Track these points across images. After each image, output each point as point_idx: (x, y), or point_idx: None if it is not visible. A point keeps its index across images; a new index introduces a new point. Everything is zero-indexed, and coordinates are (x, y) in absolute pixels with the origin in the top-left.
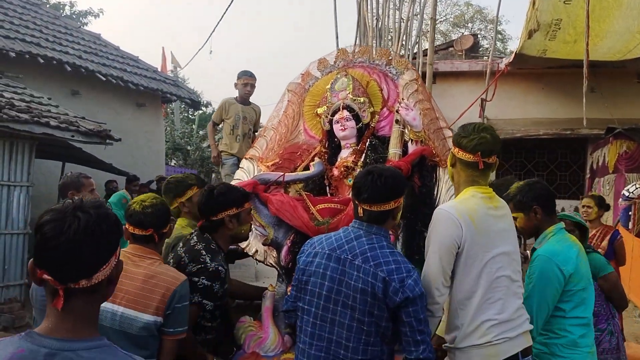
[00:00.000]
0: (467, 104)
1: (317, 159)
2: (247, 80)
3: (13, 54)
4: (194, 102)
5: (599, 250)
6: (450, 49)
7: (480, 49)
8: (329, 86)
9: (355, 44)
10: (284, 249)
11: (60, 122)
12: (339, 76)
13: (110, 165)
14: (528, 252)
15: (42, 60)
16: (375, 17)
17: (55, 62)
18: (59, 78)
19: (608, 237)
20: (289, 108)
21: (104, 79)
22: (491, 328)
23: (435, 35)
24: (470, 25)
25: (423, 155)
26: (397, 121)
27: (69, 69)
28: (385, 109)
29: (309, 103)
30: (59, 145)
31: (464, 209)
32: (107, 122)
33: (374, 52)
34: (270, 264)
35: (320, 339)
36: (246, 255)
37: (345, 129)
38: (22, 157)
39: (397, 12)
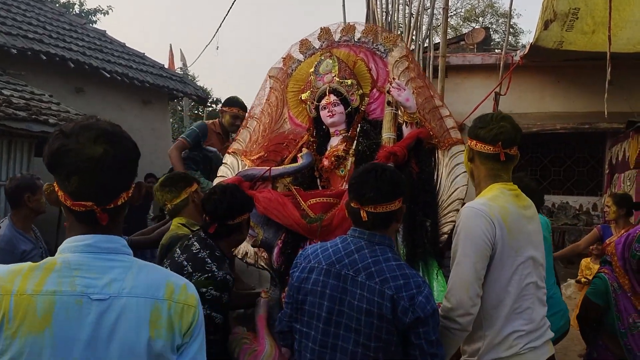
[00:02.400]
0: (480, 98)
1: (305, 150)
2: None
3: (15, 51)
4: (202, 99)
5: None
6: (462, 42)
7: (492, 43)
8: (312, 69)
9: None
10: (275, 250)
11: (59, 120)
12: (323, 58)
13: None
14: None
15: (44, 57)
16: (384, 12)
17: (57, 58)
18: (62, 75)
19: None
20: (272, 95)
21: (109, 75)
22: (518, 339)
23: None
24: (481, 19)
25: (419, 138)
26: (389, 103)
27: (72, 65)
28: (375, 90)
29: (292, 89)
30: None
31: (496, 207)
32: (112, 120)
33: (359, 29)
34: (262, 266)
35: None
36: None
37: (333, 115)
38: (20, 155)
39: (407, 7)
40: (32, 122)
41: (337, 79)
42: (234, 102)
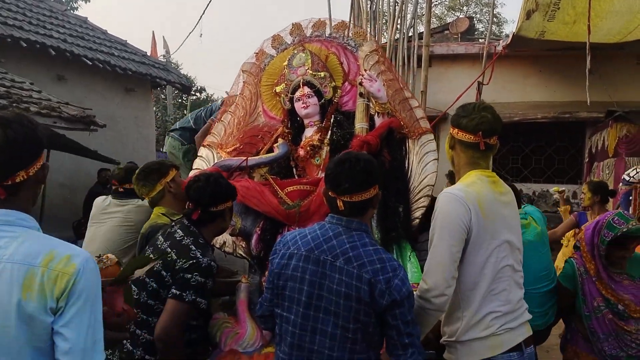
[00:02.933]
0: (464, 87)
1: (281, 140)
2: None
3: None
4: (185, 87)
5: None
6: (446, 32)
7: (476, 32)
8: (286, 63)
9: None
10: (254, 238)
11: (41, 108)
12: (295, 52)
13: (95, 152)
14: None
15: (24, 44)
16: (369, 0)
17: (38, 45)
18: (43, 63)
19: None
20: (245, 89)
21: (91, 63)
22: (495, 320)
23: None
24: (465, 8)
25: (391, 127)
26: (361, 94)
27: (53, 53)
28: (346, 83)
29: (266, 82)
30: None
31: (473, 192)
32: (94, 108)
33: (330, 25)
34: (241, 254)
35: (301, 349)
36: None
37: (307, 107)
38: None
39: None
40: (12, 110)
41: (311, 72)
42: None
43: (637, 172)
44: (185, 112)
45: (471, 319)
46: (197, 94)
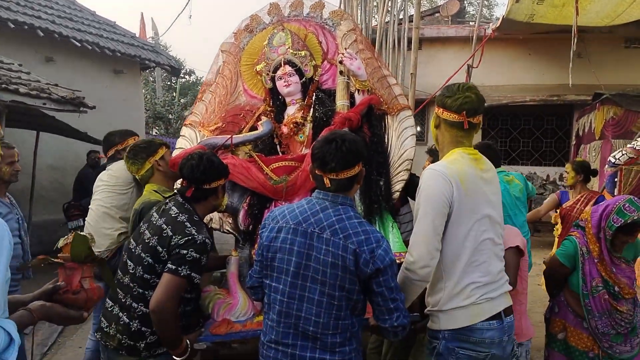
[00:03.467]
0: (454, 70)
1: (264, 118)
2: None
3: None
4: (174, 69)
5: (582, 214)
6: (437, 14)
7: (467, 15)
8: (266, 42)
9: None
10: (241, 213)
11: (30, 89)
12: (275, 31)
13: (85, 134)
14: None
15: (12, 26)
16: None
17: (26, 26)
18: (32, 44)
19: (592, 202)
20: (225, 69)
21: (79, 44)
22: (475, 290)
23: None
24: None
25: (371, 104)
26: (341, 72)
27: (41, 34)
28: (326, 62)
29: (246, 62)
30: (32, 114)
31: (455, 169)
32: (83, 90)
33: (307, 5)
34: (228, 230)
35: (289, 316)
36: None
37: (289, 85)
38: None
39: None
40: (2, 91)
41: (291, 51)
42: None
43: (623, 154)
44: (174, 94)
45: (453, 289)
46: (187, 76)
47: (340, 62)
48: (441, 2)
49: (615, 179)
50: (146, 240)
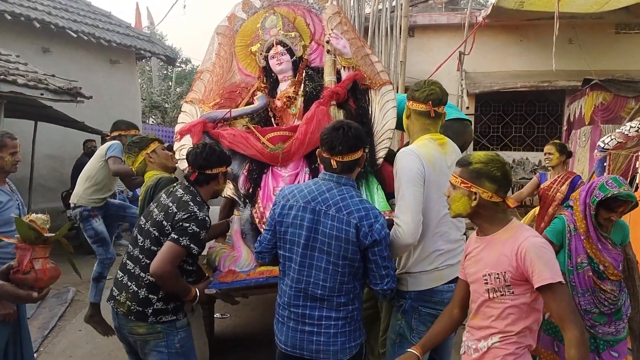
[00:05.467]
0: (445, 57)
1: (259, 93)
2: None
3: None
4: (170, 59)
5: (558, 194)
6: (430, 1)
7: (462, 2)
8: (259, 24)
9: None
10: (242, 178)
11: (28, 80)
12: (267, 15)
13: (82, 123)
14: None
15: (9, 17)
16: None
17: (23, 18)
18: (28, 35)
19: (568, 182)
20: (221, 50)
21: (75, 35)
22: (439, 256)
23: None
24: None
25: (356, 80)
26: (328, 51)
27: (38, 25)
28: (313, 43)
29: (239, 43)
30: (30, 104)
31: (423, 152)
32: (80, 80)
33: None
34: (229, 195)
35: (299, 282)
36: None
37: (281, 63)
38: None
39: None
40: (0, 82)
41: (282, 32)
42: (133, 126)
43: (612, 139)
44: (170, 83)
45: (420, 255)
46: (183, 65)
47: (328, 42)
48: None
49: (605, 164)
50: (154, 217)
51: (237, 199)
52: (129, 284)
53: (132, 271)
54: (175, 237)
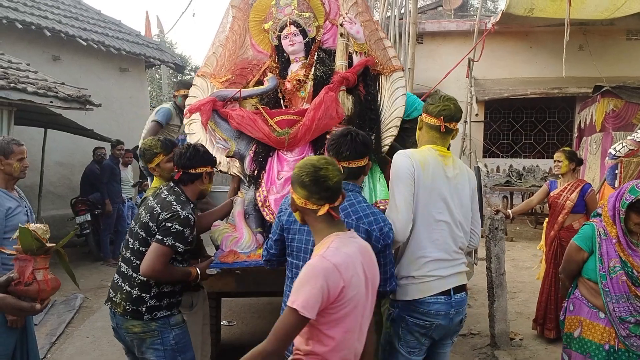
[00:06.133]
0: (455, 64)
1: (270, 74)
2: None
3: None
4: (179, 67)
5: (568, 201)
6: (440, 8)
7: (471, 9)
8: (274, 2)
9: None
10: (248, 159)
11: (38, 88)
12: None
13: (91, 131)
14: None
15: (20, 26)
16: None
17: (33, 27)
18: (39, 43)
19: (578, 190)
20: (235, 24)
21: (85, 43)
22: (426, 264)
23: None
24: None
25: (367, 66)
26: (341, 34)
27: (48, 34)
28: (327, 22)
29: (254, 19)
30: (39, 112)
31: (417, 155)
32: (90, 88)
33: None
34: (235, 173)
35: None
36: None
37: (294, 44)
38: (0, 124)
39: None
40: (10, 90)
41: (297, 12)
42: (183, 85)
43: (623, 146)
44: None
45: (407, 258)
46: (192, 72)
47: (341, 25)
48: None
49: (616, 171)
50: (141, 219)
51: (242, 177)
52: (123, 284)
53: (125, 272)
54: (160, 237)
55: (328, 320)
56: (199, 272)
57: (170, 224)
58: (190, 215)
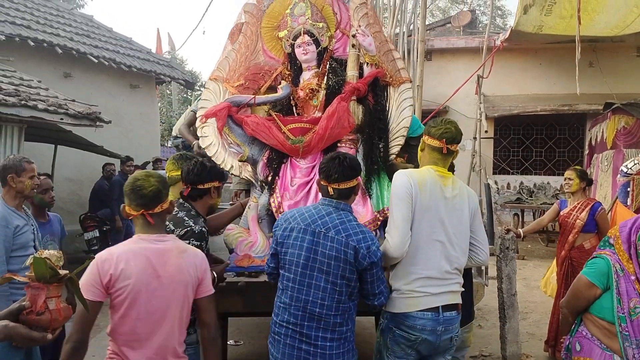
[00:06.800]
0: (464, 80)
1: (283, 82)
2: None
3: (2, 37)
4: (189, 83)
5: (578, 220)
6: (448, 25)
7: (480, 25)
8: (288, 11)
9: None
10: (261, 164)
11: (48, 105)
12: (297, 1)
13: (101, 147)
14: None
15: (32, 43)
16: None
17: (45, 44)
18: (50, 61)
19: (588, 209)
20: (248, 29)
21: (96, 60)
22: (416, 280)
23: (434, 11)
24: (469, 1)
25: (377, 77)
26: (353, 45)
27: (60, 51)
28: (338, 31)
29: (266, 25)
30: (50, 129)
31: (415, 174)
32: (100, 105)
33: None
34: (247, 177)
35: (298, 300)
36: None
37: (307, 53)
38: (11, 141)
39: None
40: (21, 107)
41: (311, 22)
42: None
43: (635, 164)
44: (189, 106)
45: (397, 270)
46: (202, 89)
47: (354, 36)
48: (454, 12)
49: (628, 189)
50: None
51: (254, 181)
52: None
53: None
54: None
55: (112, 305)
56: (215, 276)
57: (187, 242)
58: (203, 229)
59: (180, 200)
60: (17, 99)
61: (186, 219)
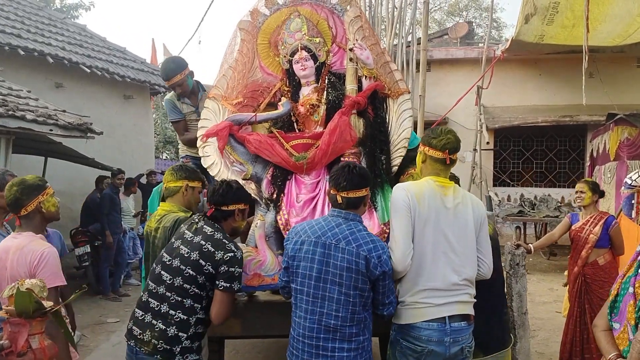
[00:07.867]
0: (464, 91)
1: (284, 99)
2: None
3: None
4: None
5: (591, 235)
6: (445, 36)
7: (475, 37)
8: (284, 27)
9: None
10: (265, 182)
11: (37, 115)
12: (292, 17)
13: (93, 160)
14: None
15: (22, 52)
16: (368, 6)
17: (36, 53)
18: (41, 70)
19: (602, 223)
20: (244, 46)
21: (89, 70)
22: (420, 292)
23: (430, 23)
24: (464, 13)
25: (376, 89)
26: (350, 59)
27: (51, 60)
28: (334, 45)
29: (262, 42)
30: (39, 140)
31: (414, 187)
32: (93, 116)
33: None
34: (251, 195)
35: (313, 313)
36: None
37: (305, 69)
38: None
39: (390, 1)
40: (8, 117)
41: (307, 37)
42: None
43: (639, 176)
44: None
45: (404, 285)
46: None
47: (351, 50)
48: (450, 25)
49: (633, 201)
50: (185, 255)
51: (259, 199)
52: (154, 322)
53: (157, 309)
54: (227, 285)
55: None
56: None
57: (233, 269)
58: (242, 254)
59: (209, 221)
60: (4, 109)
61: (226, 241)
